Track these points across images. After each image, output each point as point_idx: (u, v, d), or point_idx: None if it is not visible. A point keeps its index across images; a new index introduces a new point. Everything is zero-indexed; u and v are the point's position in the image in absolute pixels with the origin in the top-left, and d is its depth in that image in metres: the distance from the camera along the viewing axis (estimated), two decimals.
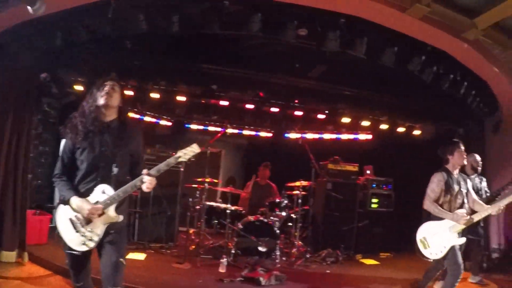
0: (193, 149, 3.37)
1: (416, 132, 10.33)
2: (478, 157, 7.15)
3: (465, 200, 5.29)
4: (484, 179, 7.20)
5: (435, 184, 5.33)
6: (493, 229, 8.76)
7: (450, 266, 5.14)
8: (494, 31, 6.11)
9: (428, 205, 5.33)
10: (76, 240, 3.35)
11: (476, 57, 6.57)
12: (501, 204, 5.05)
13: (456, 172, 5.40)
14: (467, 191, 5.36)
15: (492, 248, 8.63)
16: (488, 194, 6.94)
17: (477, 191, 6.85)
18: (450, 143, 5.41)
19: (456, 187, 5.25)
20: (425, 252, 5.28)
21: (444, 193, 5.26)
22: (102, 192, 3.36)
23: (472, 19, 5.97)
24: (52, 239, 7.17)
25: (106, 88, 3.44)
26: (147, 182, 3.34)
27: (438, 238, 5.20)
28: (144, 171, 3.36)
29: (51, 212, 7.84)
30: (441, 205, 5.24)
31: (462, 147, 5.33)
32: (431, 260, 5.30)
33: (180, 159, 3.44)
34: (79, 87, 7.72)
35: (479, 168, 7.12)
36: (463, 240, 5.14)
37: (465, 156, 5.35)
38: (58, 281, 5.64)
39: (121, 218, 3.42)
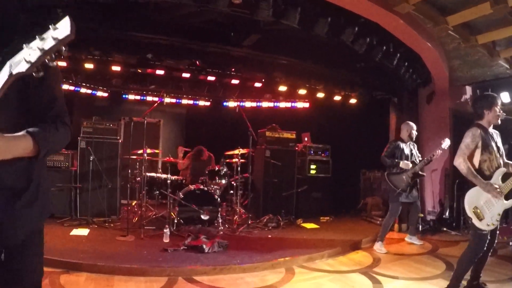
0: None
1: (352, 101, 10.64)
2: (414, 125, 7.51)
3: (501, 161, 4.62)
4: (416, 146, 7.62)
5: (470, 139, 4.58)
6: (428, 193, 9.31)
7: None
8: (425, 6, 6.26)
9: (460, 162, 4.54)
10: None
11: (408, 31, 6.79)
12: None
13: (491, 130, 4.69)
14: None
15: (427, 211, 9.19)
16: (420, 159, 7.34)
17: (411, 156, 7.33)
18: (489, 96, 4.69)
19: (494, 146, 4.58)
20: (480, 224, 4.33)
21: (481, 151, 4.55)
22: None
23: None
24: None
25: None
26: None
27: (490, 204, 4.39)
28: None
29: None
30: (479, 166, 4.55)
31: (499, 103, 4.66)
32: (486, 232, 4.33)
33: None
34: None
35: (414, 136, 7.48)
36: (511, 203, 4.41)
37: (499, 114, 4.61)
38: None
39: None
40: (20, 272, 1.96)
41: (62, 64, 8.07)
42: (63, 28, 1.39)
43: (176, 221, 7.63)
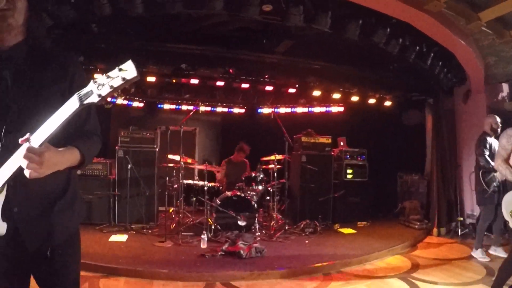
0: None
1: (387, 103, 10.51)
2: (498, 118, 6.94)
3: None
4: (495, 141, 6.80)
5: (505, 139, 4.54)
6: (467, 195, 9.09)
7: None
8: (456, 3, 6.17)
9: (499, 164, 4.52)
10: None
11: (440, 29, 6.66)
12: None
13: None
14: None
15: (466, 214, 8.99)
16: None
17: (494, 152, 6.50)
18: None
19: None
20: None
21: None
22: None
23: None
24: None
25: None
26: (25, 160, 1.65)
27: None
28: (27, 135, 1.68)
29: None
30: None
31: None
32: None
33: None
34: None
35: (499, 130, 6.82)
36: None
37: None
38: None
39: (2, 228, 1.80)
40: (61, 271, 2.10)
41: (98, 76, 8.26)
42: (130, 70, 1.59)
43: (213, 227, 7.70)
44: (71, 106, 1.63)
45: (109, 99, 10.27)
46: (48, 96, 1.97)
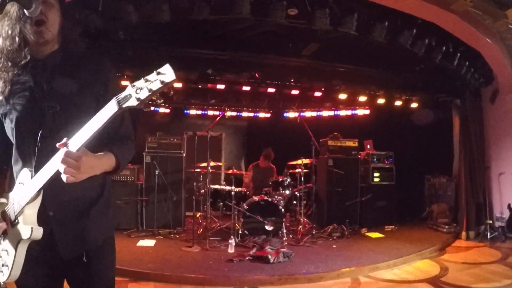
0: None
1: (414, 105, 10.39)
2: None
3: None
4: None
5: None
6: (496, 198, 8.90)
7: None
8: (482, 2, 6.10)
9: None
10: None
11: (466, 29, 6.56)
12: None
13: None
14: None
15: (495, 217, 8.80)
16: None
17: None
18: None
19: None
20: None
21: None
22: (19, 183, 1.95)
23: None
24: None
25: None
26: (63, 164, 1.67)
27: None
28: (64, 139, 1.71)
29: None
30: None
31: None
32: None
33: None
34: None
35: None
36: None
37: None
38: None
39: (38, 232, 1.84)
40: (96, 276, 2.12)
41: (126, 83, 8.37)
42: (168, 73, 1.56)
43: (240, 232, 7.71)
44: (109, 110, 1.63)
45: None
46: (83, 101, 2.01)
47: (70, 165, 1.67)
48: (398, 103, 10.25)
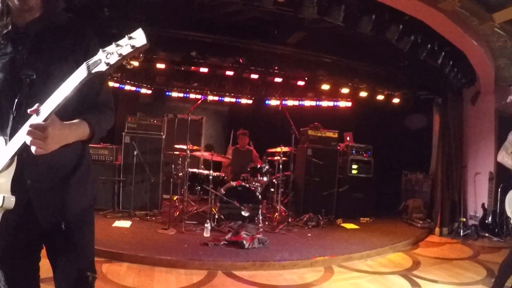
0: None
1: (395, 100, 10.47)
2: None
3: None
4: None
5: None
6: (470, 197, 9.07)
7: None
8: (470, 2, 6.13)
9: (503, 155, 4.41)
10: None
11: (453, 28, 6.61)
12: None
13: None
14: None
15: (469, 215, 8.98)
16: None
17: None
18: None
19: None
20: None
21: None
22: None
23: None
24: None
25: None
26: (29, 136, 1.65)
27: None
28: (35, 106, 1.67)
29: None
30: None
31: None
32: None
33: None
34: None
35: None
36: None
37: None
38: None
39: (9, 202, 1.79)
40: (78, 245, 2.09)
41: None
42: (139, 38, 1.55)
43: (217, 216, 7.73)
44: (79, 75, 1.61)
45: (116, 84, 10.32)
46: (62, 67, 1.93)
47: (36, 136, 1.63)
48: (380, 97, 10.33)
